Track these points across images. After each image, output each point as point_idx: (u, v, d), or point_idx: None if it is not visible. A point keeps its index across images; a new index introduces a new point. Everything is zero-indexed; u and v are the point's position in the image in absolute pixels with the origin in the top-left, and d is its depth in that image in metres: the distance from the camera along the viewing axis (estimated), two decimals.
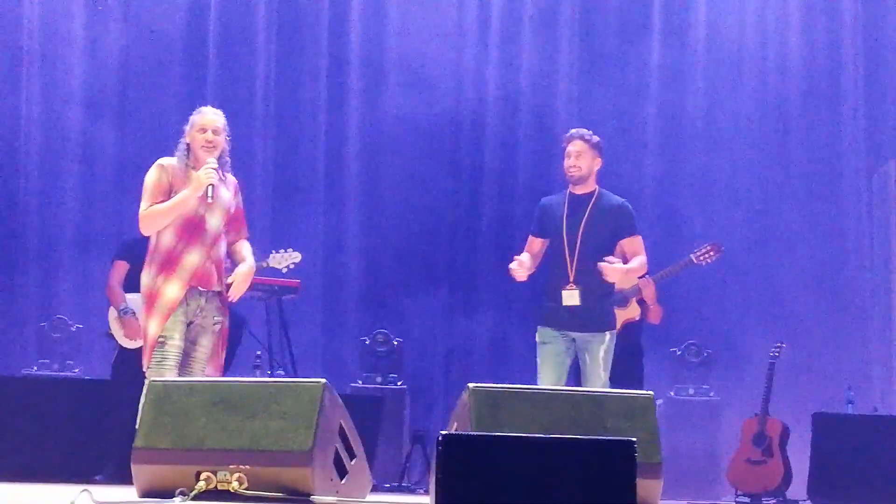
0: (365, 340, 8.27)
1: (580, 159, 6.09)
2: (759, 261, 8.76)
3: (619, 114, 8.94)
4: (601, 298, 6.14)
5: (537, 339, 6.21)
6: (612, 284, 6.26)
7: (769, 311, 8.69)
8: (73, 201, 8.79)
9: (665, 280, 7.27)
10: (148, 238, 5.49)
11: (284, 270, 7.42)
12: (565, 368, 6.16)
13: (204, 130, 5.49)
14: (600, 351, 6.08)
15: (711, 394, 8.21)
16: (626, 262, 6.20)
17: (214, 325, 5.50)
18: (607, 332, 6.13)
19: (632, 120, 9.02)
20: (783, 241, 8.78)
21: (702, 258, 7.20)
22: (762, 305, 8.73)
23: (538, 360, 6.17)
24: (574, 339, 6.12)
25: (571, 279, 6.05)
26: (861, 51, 8.91)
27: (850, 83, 8.92)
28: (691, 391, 8.19)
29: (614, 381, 6.94)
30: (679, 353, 8.28)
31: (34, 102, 8.83)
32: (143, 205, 5.41)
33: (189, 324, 5.41)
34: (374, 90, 9.07)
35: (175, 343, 5.35)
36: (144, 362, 5.38)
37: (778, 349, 7.67)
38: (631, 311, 7.15)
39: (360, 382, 8.12)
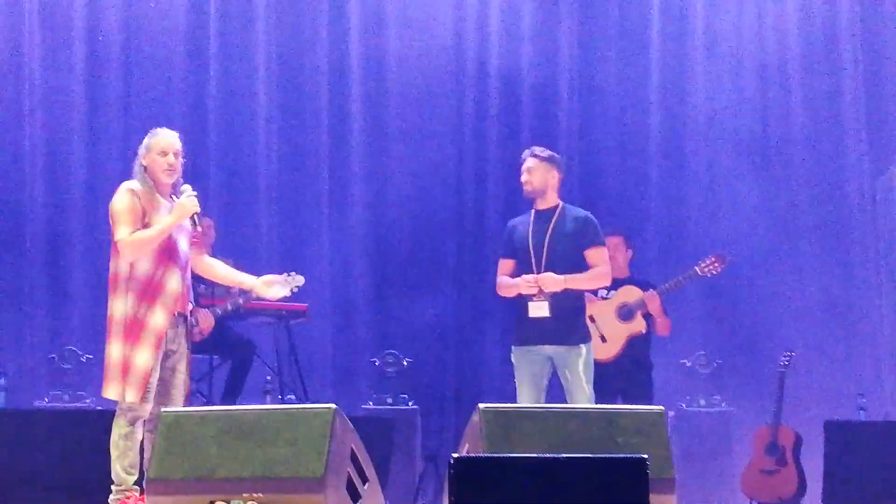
0: (375, 362, 8.27)
1: (532, 174, 6.27)
2: (767, 269, 8.73)
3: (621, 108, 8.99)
4: (572, 312, 6.17)
5: (512, 360, 6.24)
6: (582, 299, 6.29)
7: (778, 319, 8.65)
8: (82, 230, 8.75)
9: (670, 292, 7.27)
10: None
11: (289, 294, 7.44)
12: (542, 389, 6.17)
13: (164, 154, 5.41)
14: (579, 364, 6.10)
15: (723, 404, 8.17)
16: None
17: (187, 348, 5.42)
18: (583, 346, 6.15)
19: (633, 131, 9.03)
20: (790, 249, 8.75)
21: (707, 270, 7.20)
22: (771, 314, 8.69)
23: (516, 382, 6.19)
24: (550, 357, 6.13)
25: (539, 291, 6.09)
26: (861, 56, 8.90)
27: (850, 89, 8.91)
28: (702, 402, 8.16)
29: (625, 395, 6.96)
30: (689, 364, 8.26)
31: (36, 108, 8.79)
32: (124, 230, 5.26)
33: (166, 352, 5.33)
34: (377, 97, 9.02)
35: (157, 376, 5.27)
36: (129, 391, 5.17)
37: (788, 357, 7.66)
38: (637, 325, 7.15)
39: (371, 404, 8.11)
